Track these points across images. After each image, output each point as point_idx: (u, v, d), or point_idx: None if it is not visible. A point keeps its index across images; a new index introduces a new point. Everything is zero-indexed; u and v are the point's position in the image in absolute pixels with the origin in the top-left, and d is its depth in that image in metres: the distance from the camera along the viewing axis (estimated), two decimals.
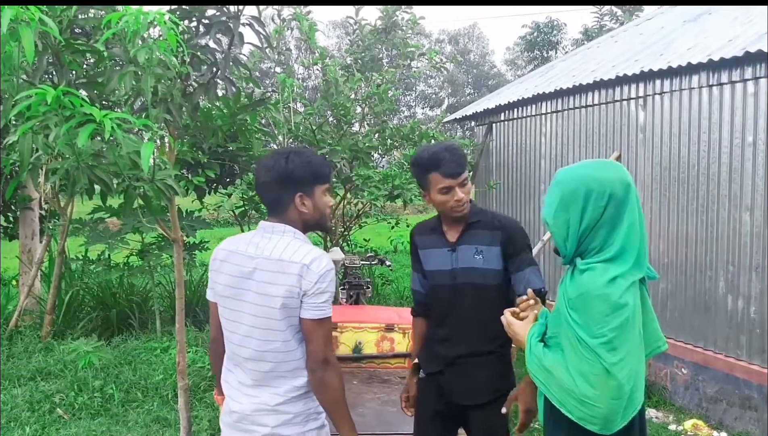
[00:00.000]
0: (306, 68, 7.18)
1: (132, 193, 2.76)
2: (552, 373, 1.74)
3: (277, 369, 1.92)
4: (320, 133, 6.16)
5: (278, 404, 1.91)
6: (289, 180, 1.91)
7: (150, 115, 2.77)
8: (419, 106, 39.01)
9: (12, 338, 5.68)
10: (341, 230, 6.92)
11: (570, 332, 1.72)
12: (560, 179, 1.80)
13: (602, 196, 1.72)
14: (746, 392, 4.15)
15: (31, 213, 6.60)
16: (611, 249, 1.72)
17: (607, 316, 1.66)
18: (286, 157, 1.93)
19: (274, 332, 1.89)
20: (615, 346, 1.66)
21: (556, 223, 1.77)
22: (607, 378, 1.66)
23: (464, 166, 2.27)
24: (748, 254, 4.15)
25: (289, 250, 1.88)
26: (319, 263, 1.86)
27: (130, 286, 6.59)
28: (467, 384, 2.33)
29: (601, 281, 1.68)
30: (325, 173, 1.98)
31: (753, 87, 4.09)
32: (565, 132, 5.92)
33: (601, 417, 1.67)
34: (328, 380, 1.88)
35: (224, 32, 3.11)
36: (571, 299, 1.73)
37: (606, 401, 1.66)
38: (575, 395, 1.69)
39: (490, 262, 2.29)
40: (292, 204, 1.93)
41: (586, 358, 1.67)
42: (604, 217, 1.72)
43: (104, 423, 4.15)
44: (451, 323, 2.35)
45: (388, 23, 6.84)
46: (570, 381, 1.70)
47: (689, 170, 4.58)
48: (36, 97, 2.24)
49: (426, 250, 2.40)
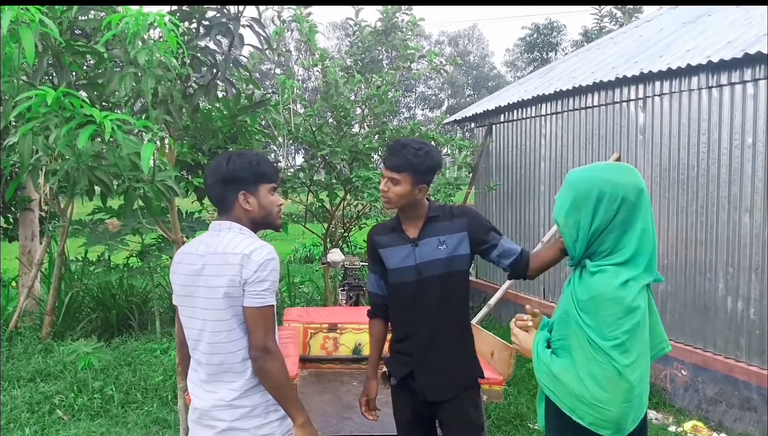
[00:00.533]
0: (306, 70, 7.18)
1: (132, 195, 2.77)
2: (561, 379, 1.73)
3: (227, 361, 1.94)
4: (320, 135, 6.16)
5: (234, 399, 1.94)
6: (232, 180, 1.97)
7: (150, 117, 2.78)
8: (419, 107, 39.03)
9: (12, 339, 5.68)
10: (341, 232, 6.92)
11: (580, 334, 1.71)
12: (573, 180, 1.80)
13: (615, 199, 1.72)
14: (746, 394, 4.15)
15: (31, 214, 6.61)
16: (624, 253, 1.72)
17: (620, 319, 1.66)
18: (228, 158, 1.99)
19: (221, 323, 1.93)
20: (627, 348, 1.66)
21: (567, 223, 1.77)
22: (619, 380, 1.66)
23: (398, 164, 2.27)
24: (748, 256, 4.15)
25: (232, 243, 1.94)
26: (260, 253, 1.91)
27: (129, 287, 6.59)
28: (438, 381, 2.35)
29: (614, 284, 1.68)
30: (269, 173, 2.02)
31: (752, 89, 4.09)
32: (564, 133, 5.93)
33: (613, 420, 1.67)
34: (268, 366, 1.90)
35: (224, 34, 3.12)
36: (581, 302, 1.73)
37: (618, 404, 1.66)
38: (586, 400, 1.68)
39: (454, 249, 2.34)
40: (236, 202, 1.98)
41: (598, 360, 1.67)
42: (615, 220, 1.73)
43: (104, 424, 4.15)
44: (413, 317, 2.36)
45: (387, 25, 6.85)
46: (580, 385, 1.69)
47: (689, 172, 4.58)
48: (36, 98, 2.24)
49: (386, 249, 2.40)
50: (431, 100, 38.80)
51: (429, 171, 2.33)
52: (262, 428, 1.95)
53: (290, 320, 4.05)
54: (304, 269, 10.01)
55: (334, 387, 3.72)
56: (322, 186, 6.30)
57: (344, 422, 3.24)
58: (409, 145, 2.29)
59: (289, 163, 6.92)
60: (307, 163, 6.59)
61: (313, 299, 7.27)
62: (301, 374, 3.78)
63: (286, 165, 6.80)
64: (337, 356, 4.00)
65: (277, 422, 1.98)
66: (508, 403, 4.35)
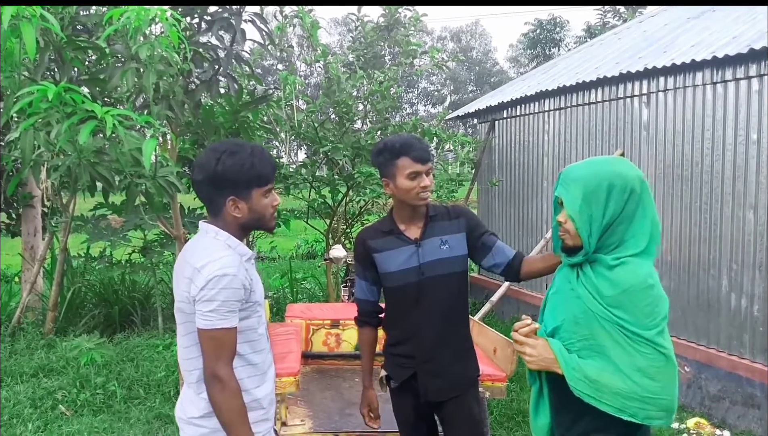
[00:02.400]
0: (308, 65, 7.17)
1: (134, 190, 2.76)
2: (601, 381, 1.69)
3: (188, 379, 1.87)
4: (322, 131, 6.15)
5: (194, 417, 1.84)
6: (221, 183, 1.78)
7: (152, 112, 2.77)
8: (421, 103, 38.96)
9: (14, 334, 5.69)
10: (343, 228, 6.91)
11: (614, 330, 1.70)
12: (579, 176, 1.80)
13: (624, 190, 1.74)
14: (749, 391, 4.14)
15: (34, 210, 6.61)
16: (639, 243, 1.75)
17: (657, 306, 1.70)
18: (218, 157, 1.78)
19: (180, 337, 1.85)
20: (666, 332, 1.72)
21: (581, 218, 1.76)
22: (667, 365, 1.69)
23: (431, 156, 2.32)
24: (752, 252, 4.13)
25: (196, 251, 1.80)
26: (210, 268, 1.72)
27: (132, 283, 6.59)
28: (440, 381, 2.33)
29: (641, 275, 1.71)
30: (264, 174, 1.82)
31: (757, 84, 4.06)
32: (568, 129, 5.91)
33: (666, 408, 1.70)
34: (215, 396, 1.75)
35: (226, 29, 3.11)
36: (609, 297, 1.72)
37: (670, 391, 1.70)
38: (638, 395, 1.67)
39: (455, 249, 2.33)
40: (224, 208, 1.82)
41: (642, 352, 1.68)
42: (624, 211, 1.75)
43: (106, 420, 4.15)
44: (415, 319, 2.32)
45: (390, 20, 6.83)
46: (627, 382, 1.67)
47: (693, 168, 4.56)
48: (37, 93, 2.24)
49: (384, 253, 2.32)
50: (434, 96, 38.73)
51: None
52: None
53: (292, 316, 4.05)
54: (307, 265, 10.02)
55: (336, 384, 3.71)
56: (325, 182, 6.29)
57: (346, 418, 3.24)
58: (419, 137, 2.37)
59: (291, 159, 6.91)
60: (310, 160, 6.58)
61: (316, 295, 7.27)
62: (303, 371, 3.78)
63: (289, 161, 6.79)
64: (339, 353, 3.99)
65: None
66: (510, 399, 4.35)
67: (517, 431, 4.06)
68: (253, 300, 1.86)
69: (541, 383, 1.91)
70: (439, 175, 6.27)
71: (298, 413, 3.23)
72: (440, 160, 7.26)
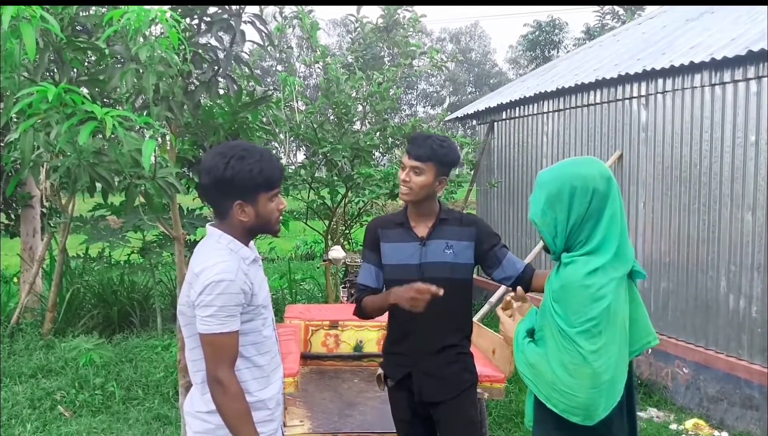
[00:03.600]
0: (307, 66, 7.18)
1: (133, 191, 2.76)
2: (537, 368, 1.79)
3: (194, 379, 1.89)
4: (321, 132, 6.16)
5: (200, 411, 1.87)
6: (228, 187, 1.78)
7: (151, 113, 2.77)
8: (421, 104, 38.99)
9: (13, 335, 5.69)
10: (342, 229, 6.92)
11: (552, 323, 1.78)
12: (544, 180, 1.84)
13: (586, 192, 1.77)
14: (747, 392, 4.15)
15: (33, 211, 6.61)
16: (592, 241, 1.78)
17: (586, 306, 1.72)
18: (226, 161, 1.76)
19: (191, 340, 1.87)
20: (593, 335, 1.71)
21: (545, 221, 1.82)
22: (584, 366, 1.71)
23: (422, 154, 2.25)
24: (750, 254, 4.14)
25: (197, 255, 1.82)
26: (207, 273, 1.73)
27: (131, 284, 6.59)
28: (435, 382, 2.33)
29: (581, 273, 1.74)
30: (273, 179, 1.81)
31: (756, 86, 4.07)
32: (566, 131, 5.92)
33: (582, 407, 1.72)
34: (217, 399, 1.77)
35: (226, 30, 3.11)
36: (554, 292, 1.79)
37: (584, 390, 1.71)
38: (558, 387, 1.74)
39: (460, 256, 2.31)
40: (231, 212, 1.82)
41: (566, 348, 1.73)
42: (589, 211, 1.78)
43: (105, 420, 4.15)
44: (414, 318, 2.29)
45: (389, 21, 6.83)
46: (552, 373, 1.75)
47: (691, 170, 4.57)
48: (37, 94, 2.24)
49: (391, 243, 2.35)
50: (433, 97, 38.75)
51: (450, 164, 2.32)
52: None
53: (291, 317, 4.05)
54: (306, 266, 10.02)
55: (335, 384, 3.72)
56: (324, 183, 6.29)
57: (345, 419, 3.24)
58: (433, 137, 2.29)
59: (290, 160, 6.91)
60: (309, 161, 6.58)
61: (315, 296, 7.27)
62: (302, 371, 3.78)
63: (288, 162, 6.79)
64: (338, 353, 3.99)
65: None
66: (509, 400, 4.35)
67: (516, 432, 4.06)
68: (256, 303, 1.86)
69: None
70: None
71: (297, 414, 3.23)
72: None
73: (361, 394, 3.56)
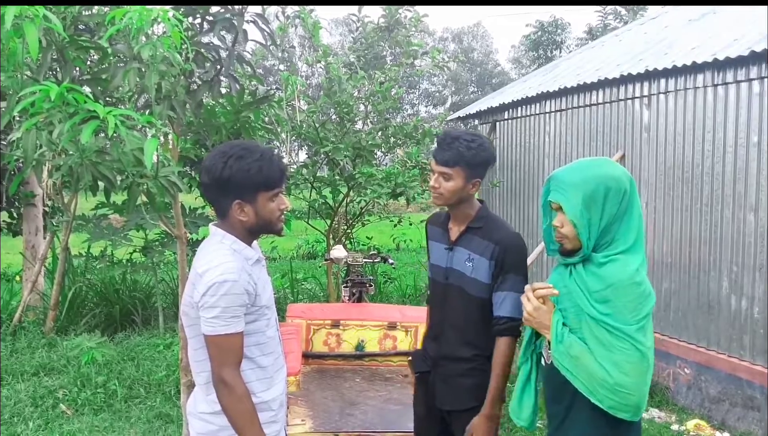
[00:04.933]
0: (309, 66, 7.17)
1: (135, 190, 2.76)
2: (581, 361, 1.77)
3: (197, 380, 1.89)
4: (323, 131, 6.16)
5: (204, 413, 1.87)
6: (226, 186, 1.78)
7: (154, 112, 2.77)
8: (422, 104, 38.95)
9: (15, 333, 5.70)
10: (344, 228, 6.92)
11: (595, 326, 1.76)
12: (577, 181, 1.83)
13: (619, 192, 1.80)
14: (749, 393, 4.14)
15: (35, 209, 6.62)
16: (626, 240, 1.80)
17: (641, 303, 1.75)
18: (225, 160, 1.76)
19: (195, 341, 1.87)
20: (648, 330, 1.76)
21: (582, 223, 1.81)
22: (642, 362, 1.73)
23: (449, 158, 2.14)
24: (752, 254, 4.13)
25: (200, 256, 1.81)
26: (211, 274, 1.73)
27: (133, 282, 6.60)
28: (448, 389, 2.31)
29: (629, 271, 1.76)
30: (272, 179, 1.80)
31: (758, 86, 4.07)
32: (568, 131, 5.91)
33: (634, 405, 1.75)
34: (222, 400, 1.77)
35: (228, 29, 3.11)
36: (596, 292, 1.78)
37: (640, 389, 1.75)
38: (608, 385, 1.73)
39: (477, 272, 2.20)
40: (230, 211, 1.82)
41: (620, 347, 1.73)
42: (618, 212, 1.80)
43: (107, 419, 4.16)
44: (440, 320, 2.33)
45: (391, 21, 6.83)
46: (602, 371, 1.74)
47: (693, 170, 4.57)
48: (40, 93, 2.24)
49: (432, 242, 2.40)
50: (435, 96, 38.71)
51: (483, 164, 2.19)
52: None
53: (293, 316, 4.05)
54: (307, 266, 10.03)
55: (336, 384, 3.72)
56: (325, 182, 6.30)
57: (347, 418, 3.24)
58: (460, 138, 2.15)
59: (292, 159, 6.91)
60: (310, 160, 6.58)
61: (316, 296, 7.28)
62: (304, 370, 3.79)
63: (290, 161, 6.80)
64: (339, 353, 4.00)
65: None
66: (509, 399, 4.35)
67: (517, 432, 4.06)
68: (260, 304, 1.85)
69: (531, 367, 1.99)
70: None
71: (299, 413, 3.24)
72: None
73: (363, 393, 3.56)
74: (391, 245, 10.94)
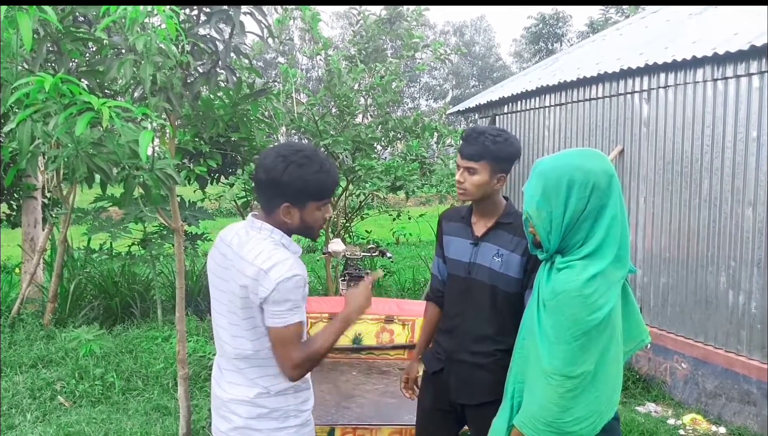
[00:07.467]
0: (309, 59, 7.15)
1: (131, 182, 2.76)
2: (535, 418, 1.73)
3: (249, 363, 1.90)
4: (323, 124, 6.15)
5: (254, 396, 1.88)
6: (282, 189, 1.82)
7: (149, 104, 2.76)
8: (423, 97, 38.89)
9: (14, 325, 5.71)
10: (343, 221, 6.92)
11: (539, 338, 1.67)
12: (542, 169, 1.72)
13: (586, 186, 1.64)
14: (746, 388, 4.15)
15: (34, 201, 6.62)
16: (590, 243, 1.64)
17: (582, 319, 1.59)
18: (285, 165, 1.80)
19: (240, 329, 1.87)
20: (587, 351, 1.61)
21: (540, 215, 1.69)
22: (559, 387, 1.64)
23: (475, 152, 2.16)
24: (750, 250, 4.13)
25: (255, 250, 1.82)
26: (279, 270, 1.77)
27: (131, 275, 6.60)
28: (465, 383, 2.30)
29: (580, 280, 1.60)
30: (326, 191, 1.87)
31: (758, 81, 4.05)
32: (568, 125, 5.90)
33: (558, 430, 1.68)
34: (304, 375, 1.91)
35: (225, 21, 3.09)
36: (546, 302, 1.66)
37: (554, 415, 1.68)
38: (543, 421, 1.69)
39: (507, 268, 2.18)
40: (278, 210, 1.85)
41: (544, 377, 1.65)
42: (587, 209, 1.64)
43: (105, 411, 4.17)
44: (459, 314, 2.30)
45: (392, 14, 6.81)
46: (540, 407, 1.70)
47: (692, 165, 4.56)
48: (34, 84, 2.23)
49: (450, 236, 2.35)
50: (435, 90, 38.64)
51: (509, 159, 2.18)
52: (278, 432, 1.88)
53: None
54: (306, 259, 10.02)
55: (333, 377, 3.72)
56: None
57: (343, 411, 3.25)
58: (486, 132, 2.16)
59: None
60: None
61: (314, 289, 7.28)
62: None
63: None
64: (336, 346, 4.00)
65: (295, 429, 1.91)
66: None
67: None
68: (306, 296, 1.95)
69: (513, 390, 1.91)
70: (439, 170, 6.26)
71: None
72: (441, 155, 7.26)
73: (359, 387, 3.57)
74: (390, 238, 10.93)
